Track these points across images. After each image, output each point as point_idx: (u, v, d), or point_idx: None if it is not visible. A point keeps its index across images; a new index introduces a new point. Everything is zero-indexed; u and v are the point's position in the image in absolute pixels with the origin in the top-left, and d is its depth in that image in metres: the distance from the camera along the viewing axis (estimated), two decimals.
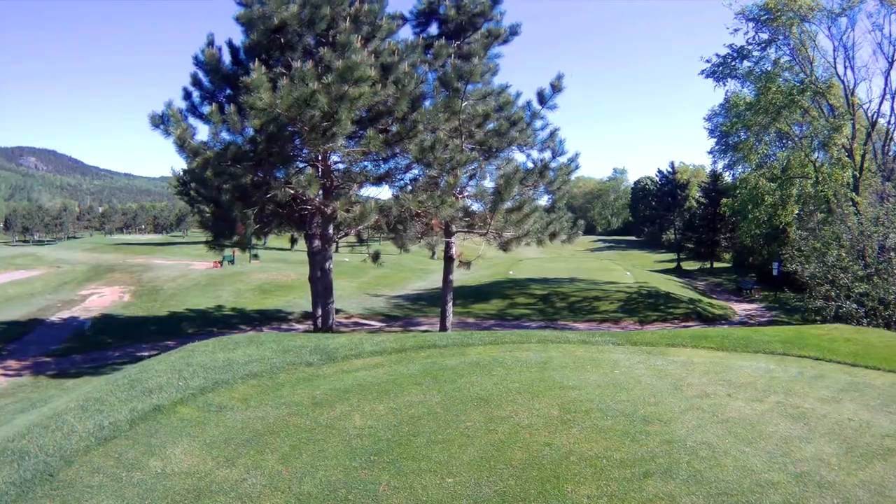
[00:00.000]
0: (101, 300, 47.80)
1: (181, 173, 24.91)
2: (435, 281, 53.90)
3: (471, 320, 34.13)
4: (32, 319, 39.85)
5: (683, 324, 32.57)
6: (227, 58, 23.61)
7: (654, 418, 9.82)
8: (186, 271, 60.91)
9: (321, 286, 25.40)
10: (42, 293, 54.16)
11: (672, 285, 56.58)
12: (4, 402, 20.62)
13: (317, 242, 24.90)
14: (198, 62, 23.31)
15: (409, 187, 24.86)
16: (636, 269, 69.10)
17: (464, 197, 25.67)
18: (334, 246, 25.62)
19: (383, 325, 33.72)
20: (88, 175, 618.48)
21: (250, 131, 21.25)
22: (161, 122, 21.86)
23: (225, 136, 21.50)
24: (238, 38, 23.98)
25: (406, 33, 29.62)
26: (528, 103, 26.11)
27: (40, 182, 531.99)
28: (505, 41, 26.34)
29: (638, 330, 27.08)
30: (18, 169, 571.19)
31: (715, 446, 8.70)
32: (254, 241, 25.72)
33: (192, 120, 23.19)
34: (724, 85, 52.36)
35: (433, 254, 71.77)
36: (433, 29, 26.88)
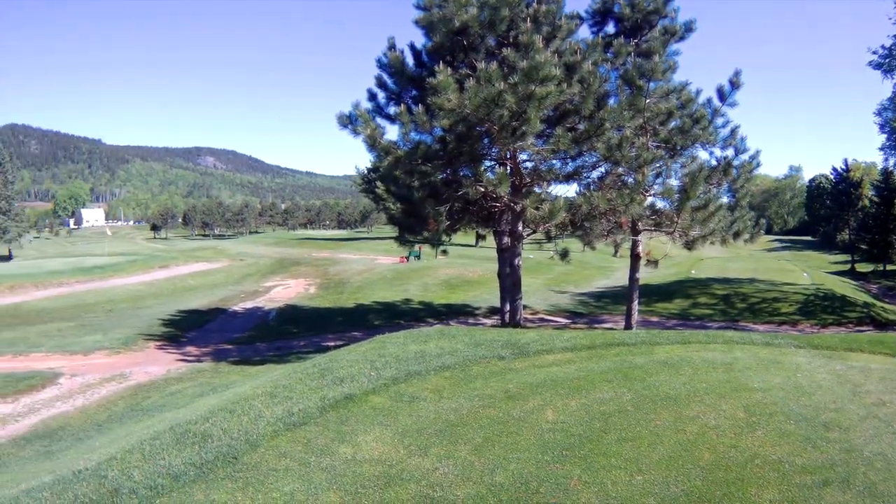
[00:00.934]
0: (285, 292, 50.13)
1: (365, 171, 25.86)
2: (618, 279, 53.36)
3: (654, 319, 33.77)
4: (214, 309, 42.23)
5: (858, 328, 31.13)
6: (409, 60, 24.31)
7: (834, 425, 9.76)
8: (372, 265, 62.58)
9: (510, 282, 25.80)
10: (224, 284, 57.62)
11: (847, 288, 53.98)
12: (183, 385, 21.82)
13: (506, 239, 25.31)
14: (381, 65, 24.21)
15: (594, 185, 24.90)
16: (813, 271, 66.27)
17: (650, 195, 25.52)
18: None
19: (569, 321, 33.76)
20: (269, 173, 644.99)
21: (438, 131, 21.77)
22: (349, 122, 22.77)
23: (413, 135, 22.11)
24: (418, 41, 24.72)
25: (583, 33, 29.50)
26: (709, 100, 25.66)
27: (219, 180, 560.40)
28: (681, 38, 25.92)
29: (816, 333, 26.15)
30: (196, 168, 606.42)
31: (890, 459, 8.56)
32: (442, 237, 26.33)
33: (378, 120, 24.01)
34: (892, 77, 49.38)
35: (616, 251, 71.14)
36: (609, 28, 26.73)
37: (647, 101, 23.95)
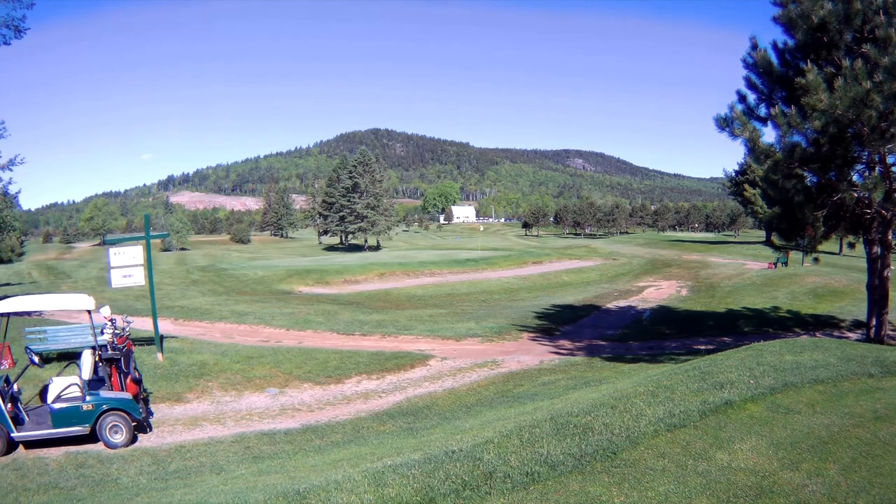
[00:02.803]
0: (657, 292, 50.26)
1: (732, 174, 25.47)
2: None
3: None
4: (587, 305, 42.88)
5: None
6: (774, 59, 23.71)
7: None
8: (741, 270, 60.62)
9: (877, 295, 24.33)
10: (598, 282, 58.56)
11: None
12: (555, 377, 22.36)
13: (875, 248, 23.96)
14: (747, 65, 23.72)
15: None
16: None
17: None
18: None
19: None
20: (638, 175, 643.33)
21: (810, 132, 21.08)
22: (726, 124, 22.60)
23: (788, 138, 21.57)
24: (768, 38, 23.90)
25: None
26: None
27: (588, 181, 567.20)
28: None
29: None
30: (566, 169, 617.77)
31: None
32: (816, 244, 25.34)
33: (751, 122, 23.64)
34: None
35: None
36: None
37: None
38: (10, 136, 34.86)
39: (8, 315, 17.43)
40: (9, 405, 15.47)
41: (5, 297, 24.78)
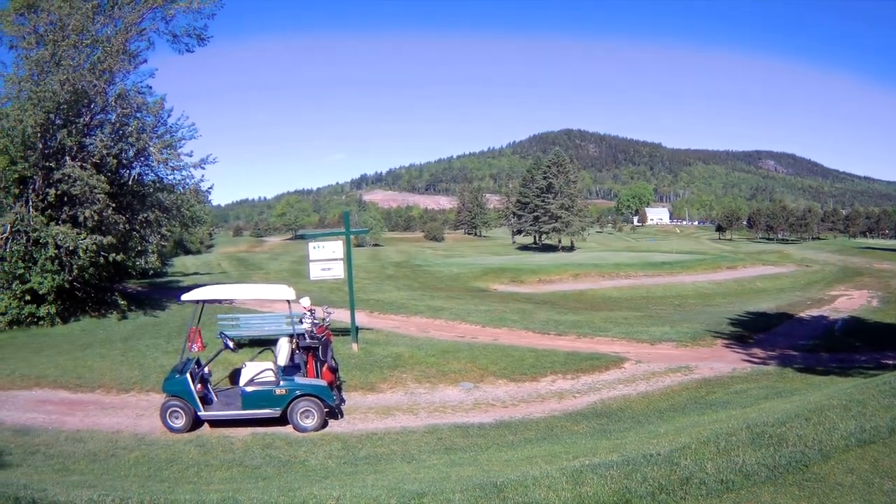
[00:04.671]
0: (849, 302, 47.58)
1: None
2: None
3: None
4: (781, 313, 40.99)
5: None
6: None
7: None
8: None
9: None
10: (791, 289, 56.29)
11: None
12: (747, 385, 21.61)
13: None
14: None
15: None
16: None
17: None
18: None
19: None
20: (829, 178, 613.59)
21: None
22: None
23: None
24: None
25: None
26: None
27: (780, 184, 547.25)
28: None
29: None
30: (758, 171, 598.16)
31: None
32: None
33: None
34: None
35: None
36: None
37: None
38: (202, 136, 37.42)
39: (204, 302, 18.36)
40: (198, 386, 16.48)
41: (195, 285, 26.17)
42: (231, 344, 17.83)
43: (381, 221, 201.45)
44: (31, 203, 31.62)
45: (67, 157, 31.30)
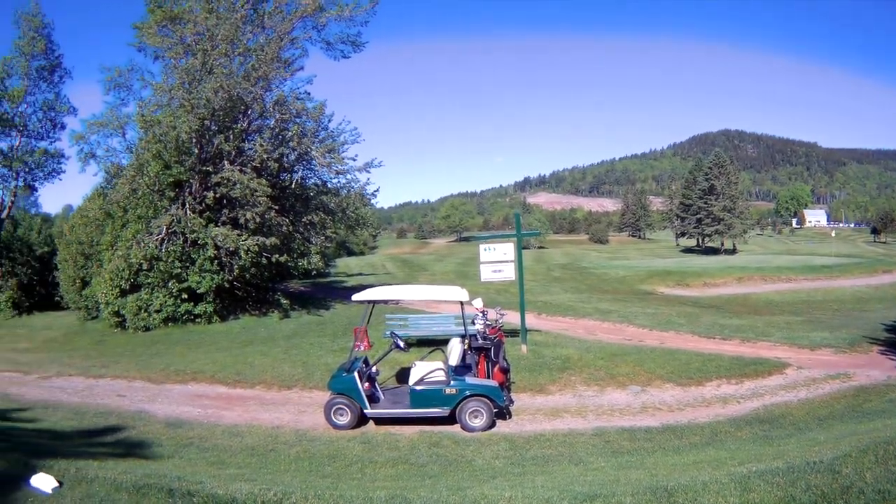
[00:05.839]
0: None
1: None
2: None
3: None
4: None
5: None
6: None
7: None
8: None
9: None
10: None
11: None
12: None
13: None
14: None
15: None
16: None
17: None
18: None
19: None
20: None
21: None
22: None
23: None
24: None
25: None
26: None
27: None
28: None
29: None
30: None
31: None
32: None
33: None
34: None
35: None
36: None
37: None
38: (364, 140, 38.53)
39: (374, 302, 18.76)
40: (365, 384, 16.87)
41: (359, 286, 26.85)
42: (402, 344, 18.17)
43: (546, 224, 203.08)
44: (187, 206, 33.47)
45: (226, 162, 33.08)
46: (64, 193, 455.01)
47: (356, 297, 18.14)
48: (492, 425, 16.81)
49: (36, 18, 44.56)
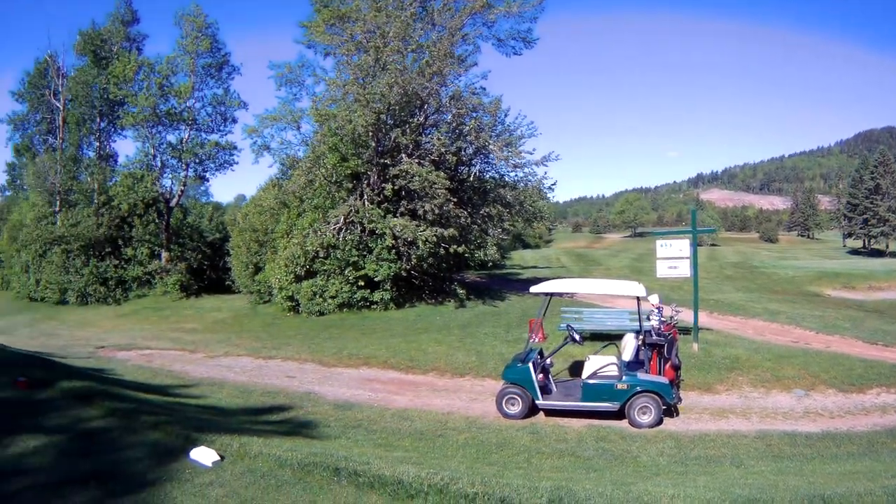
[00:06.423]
0: None
1: None
2: None
3: None
4: None
5: None
6: None
7: None
8: None
9: None
10: None
11: None
12: None
13: None
14: None
15: None
16: None
17: None
18: None
19: None
20: None
21: None
22: None
23: None
24: None
25: None
26: None
27: None
28: None
29: None
30: None
31: None
32: None
33: None
34: None
35: None
36: None
37: None
38: (541, 134, 39.14)
39: (552, 294, 19.14)
40: (539, 375, 17.32)
41: (534, 278, 27.35)
42: (578, 337, 18.49)
43: (718, 221, 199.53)
44: (365, 196, 34.91)
45: (403, 155, 34.28)
46: (234, 184, 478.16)
47: (534, 288, 18.71)
48: (659, 422, 16.93)
49: (198, 19, 47.63)
